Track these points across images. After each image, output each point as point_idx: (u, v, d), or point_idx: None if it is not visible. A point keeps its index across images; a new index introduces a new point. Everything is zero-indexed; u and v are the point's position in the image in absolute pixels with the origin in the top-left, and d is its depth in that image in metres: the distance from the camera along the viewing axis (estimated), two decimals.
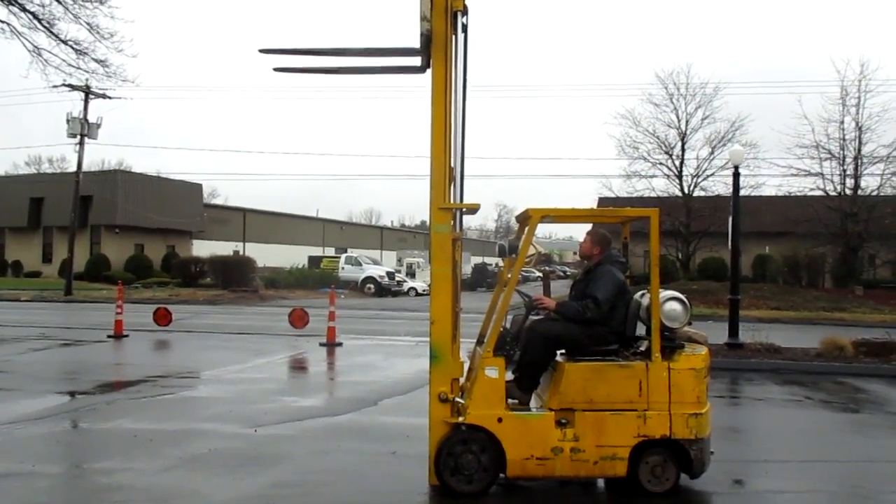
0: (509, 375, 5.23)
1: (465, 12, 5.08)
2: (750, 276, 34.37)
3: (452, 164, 5.15)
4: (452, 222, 5.13)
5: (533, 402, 5.31)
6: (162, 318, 16.14)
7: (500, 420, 4.93)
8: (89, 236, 42.19)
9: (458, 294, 5.24)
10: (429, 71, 5.13)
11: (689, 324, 5.40)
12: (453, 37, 5.07)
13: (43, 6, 16.28)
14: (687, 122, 36.19)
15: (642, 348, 5.25)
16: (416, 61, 5.32)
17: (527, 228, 5.31)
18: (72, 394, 9.19)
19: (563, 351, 5.30)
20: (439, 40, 4.96)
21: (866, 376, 11.53)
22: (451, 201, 5.13)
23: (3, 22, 16.37)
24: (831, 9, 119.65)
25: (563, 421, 4.94)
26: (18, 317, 19.89)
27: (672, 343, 5.11)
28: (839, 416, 9.02)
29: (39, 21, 16.40)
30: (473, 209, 5.39)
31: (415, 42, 5.10)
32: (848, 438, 7.73)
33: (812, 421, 8.57)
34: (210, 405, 8.35)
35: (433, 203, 5.03)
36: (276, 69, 5.57)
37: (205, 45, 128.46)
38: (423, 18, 4.85)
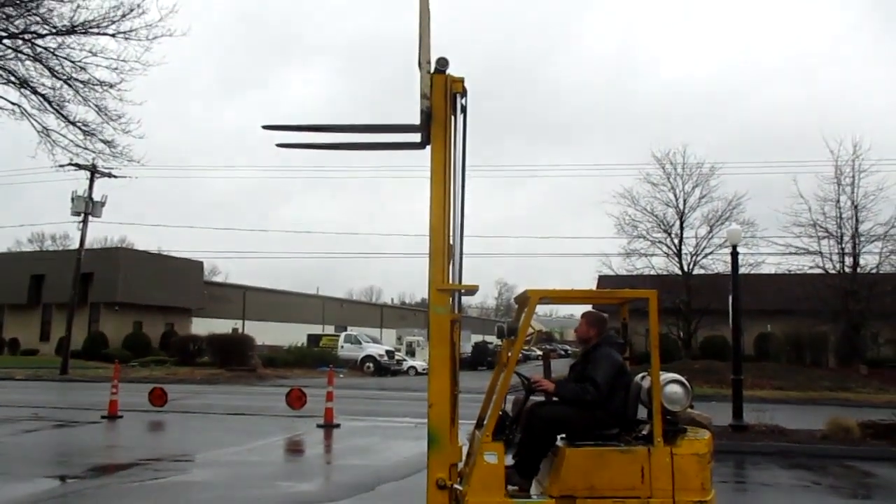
0: (509, 460, 5.11)
1: (463, 94, 5.21)
2: (752, 355, 34.06)
3: (451, 243, 5.16)
4: (451, 303, 5.10)
5: (533, 489, 5.16)
6: (157, 398, 15.91)
7: None
8: (88, 314, 42.05)
9: (456, 376, 5.17)
10: (429, 148, 5.22)
11: (691, 406, 5.31)
12: (452, 117, 5.18)
13: (53, 89, 16.66)
14: (685, 201, 36.57)
15: (644, 432, 5.15)
16: (417, 138, 5.43)
17: (526, 309, 5.29)
18: (62, 478, 8.98)
19: (563, 435, 5.20)
20: (439, 118, 5.06)
21: (874, 460, 11.27)
22: (450, 281, 5.12)
23: (13, 104, 16.74)
24: (823, 92, 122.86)
25: None
26: (12, 396, 19.62)
27: (674, 426, 5.01)
28: (849, 502, 8.78)
29: (49, 103, 16.76)
30: (472, 290, 5.37)
31: (415, 119, 5.22)
32: None
33: None
34: (203, 490, 8.14)
35: (432, 284, 5.01)
36: (278, 145, 5.65)
37: (207, 125, 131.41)
38: (423, 96, 4.97)
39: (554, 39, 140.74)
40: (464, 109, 5.24)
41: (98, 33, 16.16)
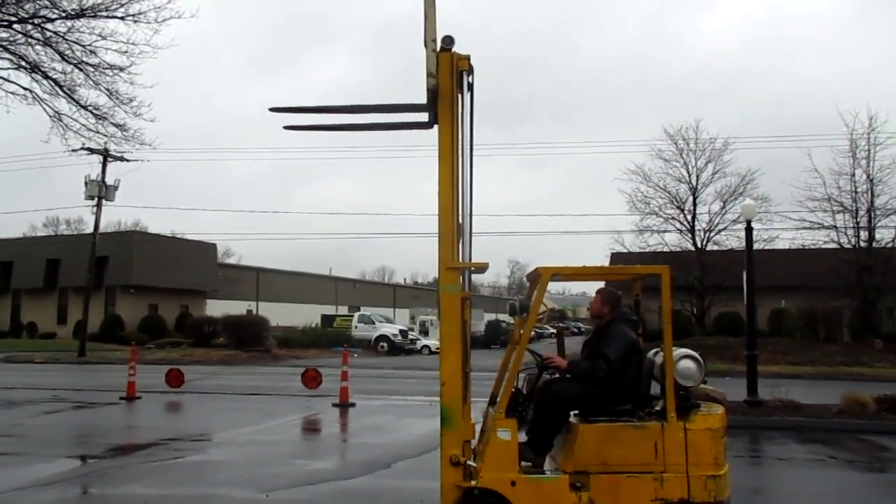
0: (522, 437, 5.14)
1: (470, 72, 5.16)
2: (766, 331, 33.90)
3: (461, 222, 5.16)
4: (461, 281, 5.12)
5: (547, 465, 5.20)
6: (174, 379, 16.09)
7: (513, 484, 4.82)
8: (104, 297, 42.46)
9: (468, 354, 5.19)
10: (436, 127, 5.20)
11: (704, 382, 5.31)
12: (459, 95, 5.15)
13: (65, 74, 16.69)
14: (697, 176, 36.25)
15: (657, 408, 5.16)
16: (424, 117, 5.40)
17: (538, 287, 5.29)
18: (83, 458, 9.12)
19: (576, 411, 5.22)
20: (445, 96, 5.04)
21: (890, 433, 11.25)
22: (460, 260, 5.13)
23: (25, 89, 16.80)
24: (836, 63, 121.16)
25: (578, 484, 4.83)
26: (31, 379, 19.90)
27: (687, 402, 5.02)
28: (864, 476, 8.78)
29: (61, 88, 16.81)
30: (482, 268, 5.38)
31: (422, 99, 5.20)
32: (875, 500, 7.51)
33: (837, 482, 8.34)
34: (221, 469, 8.25)
35: (441, 263, 5.01)
36: (285, 127, 5.63)
37: (219, 106, 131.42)
38: (429, 74, 4.93)
39: (579, 19, 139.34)
40: (470, 87, 5.20)
41: (107, 16, 16.17)
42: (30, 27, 16.22)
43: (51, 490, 7.10)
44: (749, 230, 14.50)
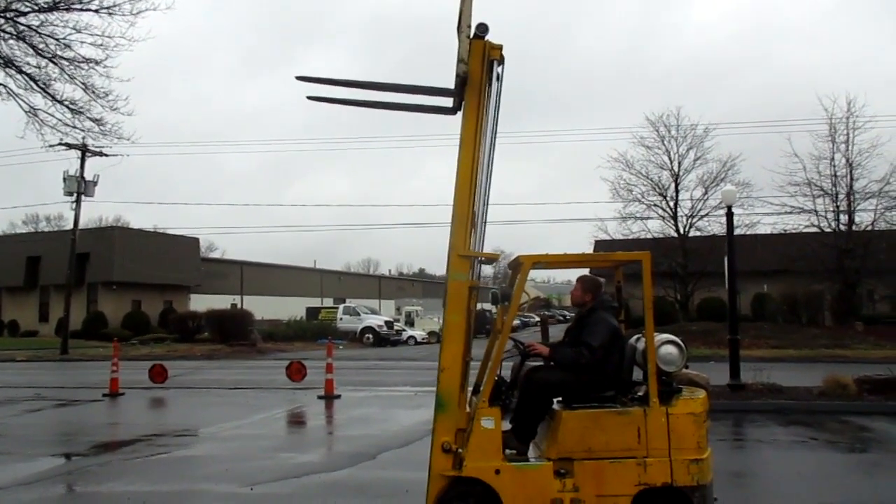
0: (506, 425, 5.15)
1: (501, 62, 5.13)
2: (749, 315, 34.21)
3: (475, 210, 5.13)
4: (470, 270, 5.11)
5: (531, 452, 5.21)
6: (158, 375, 15.98)
7: (497, 472, 4.83)
8: (86, 294, 42.06)
9: (470, 344, 5.19)
10: (459, 114, 5.16)
11: (686, 367, 5.34)
12: (487, 84, 5.12)
13: (39, 68, 16.42)
14: (679, 163, 36.44)
15: (640, 393, 5.18)
16: (449, 102, 5.38)
17: (519, 275, 5.29)
18: (66, 456, 9.04)
19: (559, 398, 5.23)
20: (474, 84, 5.01)
21: (871, 414, 11.40)
22: (472, 249, 5.12)
23: None
24: (814, 48, 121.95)
25: (563, 471, 4.85)
26: (13, 377, 19.71)
27: (670, 387, 5.05)
28: (846, 456, 8.88)
29: (35, 82, 16.54)
30: (493, 259, 5.41)
31: (449, 84, 5.16)
32: (856, 480, 7.59)
33: (819, 463, 8.43)
34: (206, 464, 8.21)
35: (453, 249, 4.98)
36: (309, 97, 5.57)
37: (200, 100, 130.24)
38: (460, 60, 4.90)
39: (565, 11, 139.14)
40: (499, 77, 5.18)
41: (81, 9, 15.90)
42: (1, 21, 15.94)
43: (33, 489, 7.03)
44: (730, 215, 14.60)
